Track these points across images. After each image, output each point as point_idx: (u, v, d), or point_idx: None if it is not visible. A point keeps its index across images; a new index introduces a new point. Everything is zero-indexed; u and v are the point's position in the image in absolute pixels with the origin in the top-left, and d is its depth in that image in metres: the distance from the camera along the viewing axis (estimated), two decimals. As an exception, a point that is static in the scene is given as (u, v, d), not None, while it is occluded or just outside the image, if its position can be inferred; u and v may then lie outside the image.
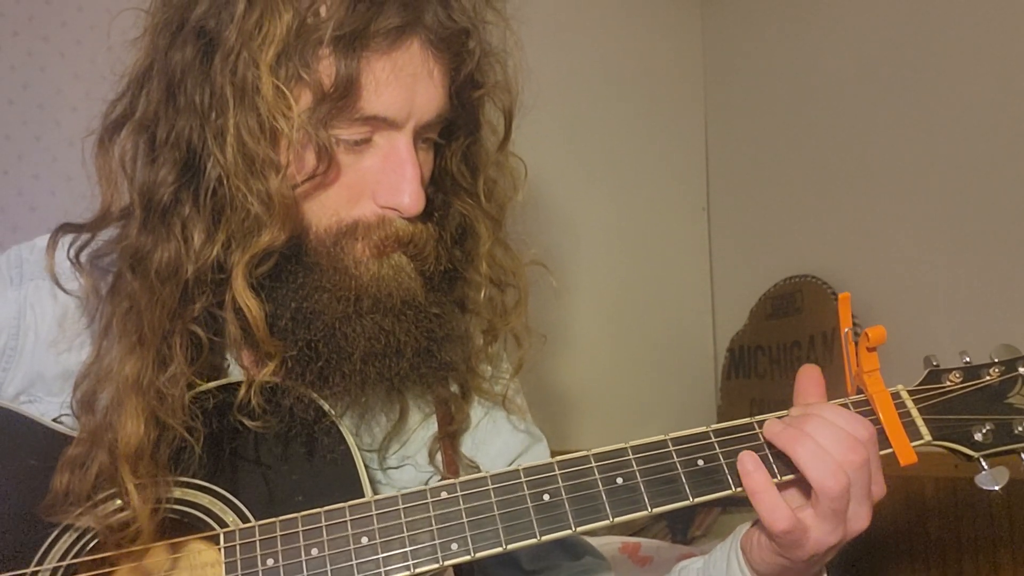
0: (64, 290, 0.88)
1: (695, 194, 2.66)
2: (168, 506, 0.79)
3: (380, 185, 0.85)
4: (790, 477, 0.79)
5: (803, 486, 0.79)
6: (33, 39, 1.80)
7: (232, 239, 0.82)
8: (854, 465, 0.76)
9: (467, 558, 0.77)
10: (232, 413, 0.82)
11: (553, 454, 0.93)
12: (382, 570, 0.76)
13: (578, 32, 2.45)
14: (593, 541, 1.63)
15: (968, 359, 0.85)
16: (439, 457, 0.96)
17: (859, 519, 0.77)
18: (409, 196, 0.84)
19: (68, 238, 0.87)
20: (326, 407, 0.85)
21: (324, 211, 0.85)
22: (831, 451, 0.76)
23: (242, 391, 0.82)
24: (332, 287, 0.84)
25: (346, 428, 0.85)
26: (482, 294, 0.97)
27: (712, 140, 2.68)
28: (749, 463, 0.78)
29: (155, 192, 0.82)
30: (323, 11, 0.81)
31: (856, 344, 0.84)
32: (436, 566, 0.77)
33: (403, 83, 0.83)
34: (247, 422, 0.82)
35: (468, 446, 1.00)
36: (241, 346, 0.86)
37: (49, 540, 0.79)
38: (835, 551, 0.79)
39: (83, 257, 0.87)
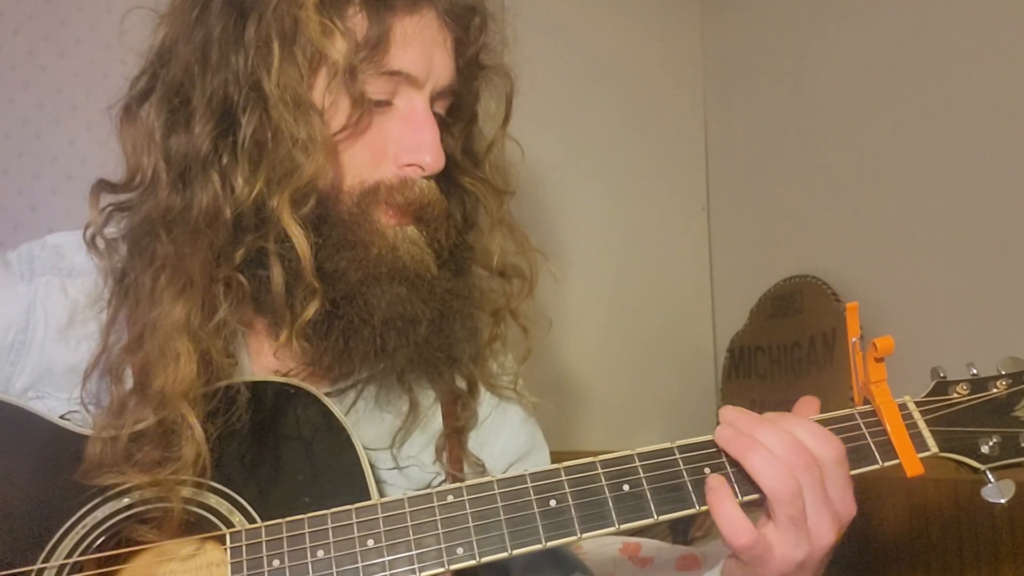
0: (104, 239, 0.90)
1: (695, 194, 2.66)
2: (176, 505, 0.79)
3: (401, 145, 0.88)
4: (754, 497, 0.78)
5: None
6: (33, 38, 1.79)
7: (272, 180, 0.84)
8: (799, 468, 0.75)
9: (472, 563, 0.77)
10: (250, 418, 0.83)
11: (554, 454, 0.94)
12: (387, 573, 0.76)
13: (578, 32, 2.45)
14: (594, 541, 1.64)
15: (975, 371, 0.86)
16: (445, 456, 0.96)
17: (823, 531, 0.76)
18: (431, 153, 0.88)
19: (107, 198, 0.90)
20: (333, 408, 0.86)
21: (350, 172, 0.88)
22: (779, 455, 0.76)
23: (284, 332, 0.84)
24: (356, 242, 0.87)
25: (352, 429, 0.86)
26: (489, 275, 1.00)
27: (712, 140, 2.67)
28: (713, 480, 0.78)
29: (192, 148, 0.84)
30: None
31: (864, 354, 0.84)
32: (441, 570, 0.77)
33: (424, 44, 0.88)
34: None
35: (473, 443, 1.00)
36: (271, 304, 0.86)
37: (55, 537, 0.79)
38: (809, 570, 0.77)
39: (108, 228, 0.90)
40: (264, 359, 0.92)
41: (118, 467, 0.79)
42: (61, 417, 0.85)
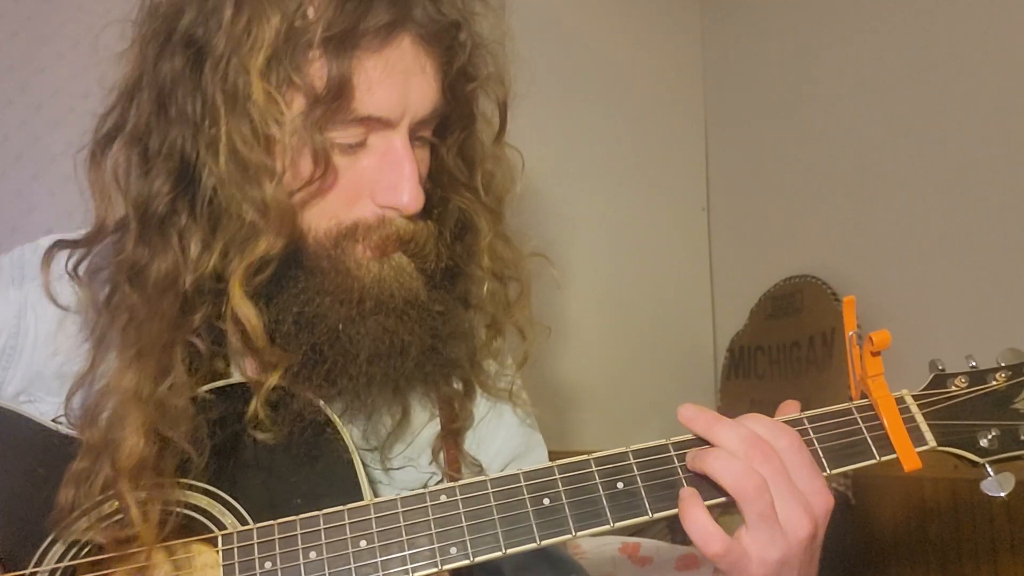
0: (59, 305, 0.87)
1: (695, 194, 2.65)
2: (168, 509, 0.79)
3: (378, 184, 0.84)
4: (720, 500, 0.77)
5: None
6: (32, 40, 1.79)
7: (229, 248, 0.81)
8: (757, 460, 0.74)
9: (466, 562, 0.76)
10: (240, 423, 0.82)
11: (553, 454, 0.93)
12: (380, 573, 0.76)
13: (578, 32, 2.45)
14: (593, 541, 1.64)
15: (974, 363, 0.85)
16: (442, 456, 0.96)
17: (795, 523, 0.73)
18: (408, 194, 0.83)
19: (63, 254, 0.86)
20: (326, 409, 0.85)
21: (323, 215, 0.84)
22: (738, 452, 0.74)
23: (251, 406, 0.81)
24: (334, 290, 0.84)
25: (346, 430, 0.85)
26: (484, 288, 0.96)
27: (712, 140, 2.67)
28: (685, 491, 0.77)
29: (150, 204, 0.81)
30: (311, 12, 0.80)
31: (860, 348, 0.83)
32: (435, 570, 0.76)
33: (396, 81, 0.82)
34: (258, 435, 0.82)
35: (470, 443, 0.99)
36: (244, 355, 0.85)
37: (48, 541, 0.79)
38: (794, 569, 0.75)
39: (81, 270, 0.86)
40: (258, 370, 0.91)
41: (84, 519, 0.77)
42: (53, 420, 0.85)
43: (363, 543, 0.77)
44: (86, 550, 0.79)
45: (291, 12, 0.79)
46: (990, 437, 0.81)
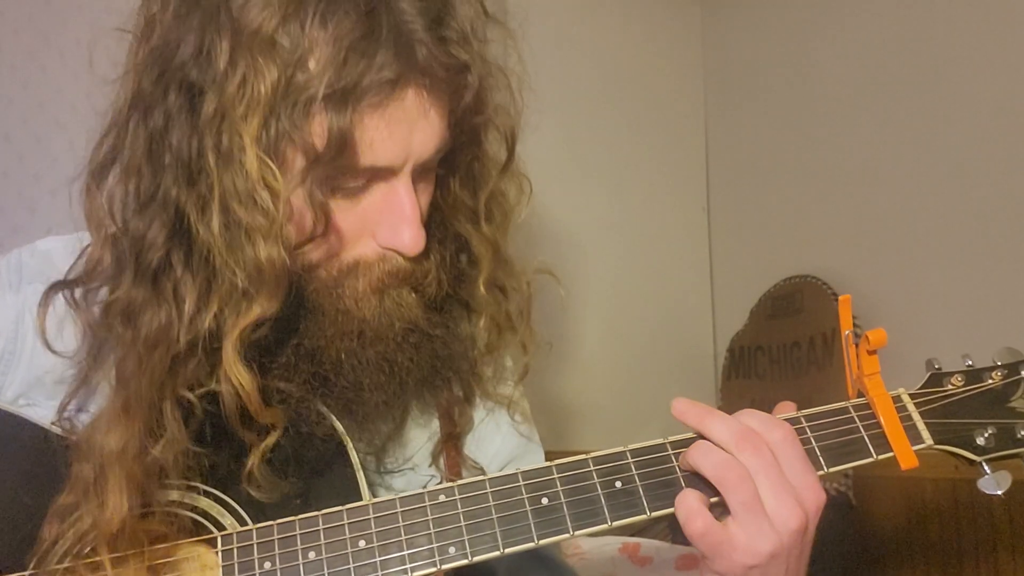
0: (53, 351, 0.84)
1: (695, 194, 2.65)
2: (166, 509, 0.79)
3: (380, 226, 0.83)
4: (716, 499, 0.76)
5: None
6: (33, 39, 1.79)
7: (224, 308, 0.78)
8: (746, 452, 0.73)
9: (464, 561, 0.76)
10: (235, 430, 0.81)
11: (552, 455, 0.93)
12: (379, 573, 0.76)
13: (578, 33, 2.45)
14: (593, 541, 1.64)
15: (971, 362, 0.85)
16: (442, 460, 0.95)
17: (784, 515, 0.72)
18: (410, 237, 0.82)
19: (61, 296, 0.83)
20: (325, 410, 0.85)
21: (324, 258, 0.83)
22: (728, 445, 0.74)
23: (249, 463, 0.79)
24: (334, 332, 0.83)
25: (345, 432, 0.85)
26: (485, 304, 0.95)
27: (712, 140, 2.67)
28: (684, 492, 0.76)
29: (146, 252, 0.78)
30: (312, 65, 0.75)
31: (856, 347, 0.83)
32: (433, 570, 0.76)
33: (399, 132, 0.79)
34: (251, 491, 0.80)
35: (470, 446, 0.99)
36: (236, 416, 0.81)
37: (47, 542, 0.78)
38: (784, 562, 0.74)
39: (78, 296, 0.83)
40: None
41: (66, 558, 0.75)
42: (52, 424, 0.84)
43: (362, 543, 0.77)
44: (87, 550, 0.79)
45: (290, 64, 0.75)
46: (987, 435, 0.81)
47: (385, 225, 0.82)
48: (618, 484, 0.78)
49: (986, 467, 0.81)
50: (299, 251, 0.81)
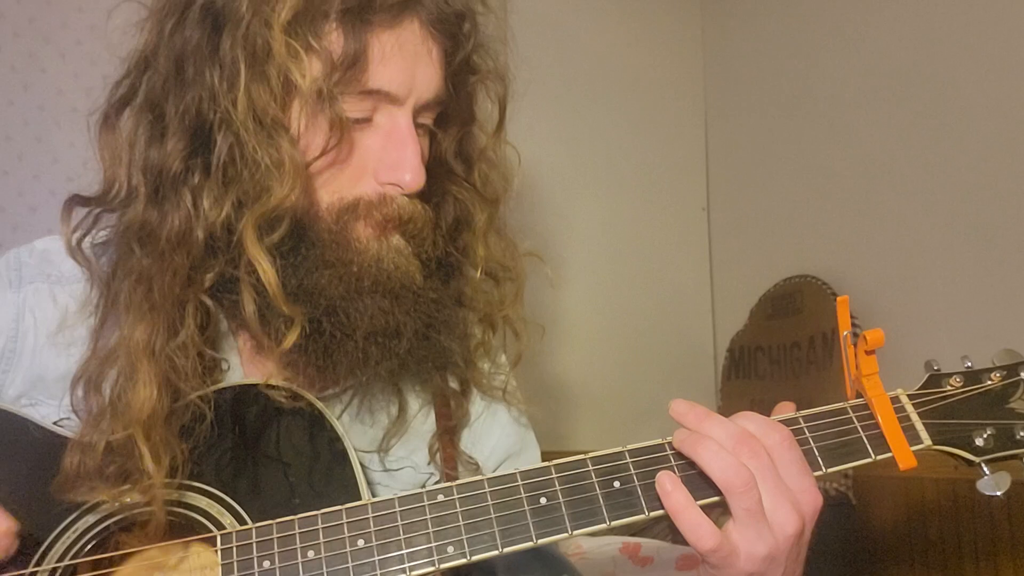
0: (78, 260, 0.88)
1: (695, 194, 2.66)
2: (168, 509, 0.79)
3: (382, 163, 0.86)
4: (714, 499, 0.77)
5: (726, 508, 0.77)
6: (34, 40, 1.80)
7: (242, 201, 0.82)
8: (746, 455, 0.74)
9: (463, 561, 0.76)
10: (241, 424, 0.83)
11: (552, 455, 0.93)
12: (378, 572, 0.76)
13: (578, 32, 2.45)
14: (594, 541, 1.64)
15: (970, 363, 0.85)
16: (439, 455, 0.96)
17: (782, 519, 0.73)
18: (411, 172, 0.86)
19: (80, 212, 0.88)
20: (324, 410, 0.85)
21: (328, 190, 0.86)
22: (728, 446, 0.74)
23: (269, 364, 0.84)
24: (335, 262, 0.85)
25: (343, 431, 0.85)
26: (478, 284, 0.97)
27: (712, 140, 2.67)
28: (667, 483, 0.76)
29: (164, 165, 0.83)
30: None
31: (855, 347, 0.83)
32: (432, 569, 0.76)
33: (405, 59, 0.85)
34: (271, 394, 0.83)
35: (466, 441, 1.00)
36: (248, 327, 0.85)
37: (48, 541, 0.79)
38: (780, 565, 0.75)
39: (85, 246, 0.88)
40: (255, 365, 0.92)
41: (90, 481, 0.78)
42: (54, 423, 0.85)
43: (361, 542, 0.77)
44: (88, 548, 0.79)
45: None
46: (985, 436, 0.81)
47: (387, 161, 0.87)
48: (616, 484, 0.78)
49: (985, 468, 0.81)
50: (313, 171, 0.85)
